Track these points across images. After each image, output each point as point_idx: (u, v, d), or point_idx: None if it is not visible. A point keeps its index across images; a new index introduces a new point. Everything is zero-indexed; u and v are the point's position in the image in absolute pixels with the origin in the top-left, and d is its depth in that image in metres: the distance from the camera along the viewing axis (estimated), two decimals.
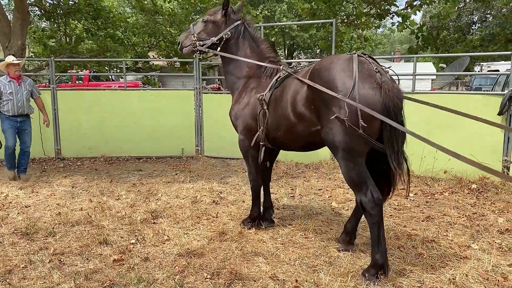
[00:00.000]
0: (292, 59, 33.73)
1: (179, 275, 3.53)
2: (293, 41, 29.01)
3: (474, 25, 31.62)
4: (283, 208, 5.43)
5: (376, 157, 3.46)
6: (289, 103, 3.78)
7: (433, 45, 9.66)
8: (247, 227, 4.62)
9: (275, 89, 4.04)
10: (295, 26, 26.00)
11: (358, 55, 3.38)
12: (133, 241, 4.29)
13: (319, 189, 6.32)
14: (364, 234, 4.44)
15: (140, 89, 12.60)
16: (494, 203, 5.49)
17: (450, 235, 4.41)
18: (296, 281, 3.38)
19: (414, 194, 5.98)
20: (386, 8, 9.43)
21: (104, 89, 12.37)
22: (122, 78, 19.88)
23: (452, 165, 6.21)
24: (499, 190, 5.88)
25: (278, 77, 4.07)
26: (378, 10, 9.42)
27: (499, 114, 6.14)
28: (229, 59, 4.56)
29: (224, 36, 4.46)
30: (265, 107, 4.03)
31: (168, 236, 4.42)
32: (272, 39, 29.24)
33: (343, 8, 9.77)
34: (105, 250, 4.06)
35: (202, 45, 4.53)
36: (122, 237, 4.40)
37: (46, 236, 4.45)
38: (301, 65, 4.22)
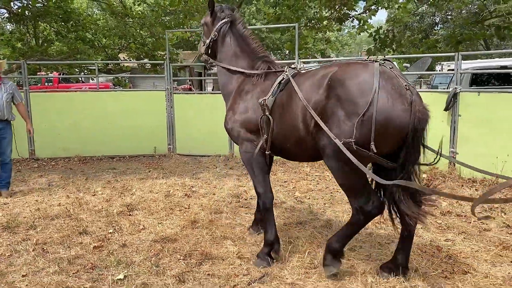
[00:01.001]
0: None
1: (155, 257, 3.91)
2: (263, 43, 29.60)
3: (436, 26, 32.84)
4: (251, 198, 5.86)
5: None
6: (299, 112, 3.37)
7: (389, 46, 10.34)
8: (264, 264, 3.69)
9: (280, 92, 3.62)
10: (264, 28, 26.60)
11: (380, 64, 3.09)
12: (110, 230, 4.63)
13: (284, 181, 6.79)
14: (322, 218, 4.93)
15: (112, 90, 12.81)
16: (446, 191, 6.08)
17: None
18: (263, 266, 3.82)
19: None
20: (345, 12, 10.06)
21: (75, 91, 12.53)
22: (92, 79, 19.89)
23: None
24: (446, 178, 6.50)
25: (282, 79, 3.65)
26: (338, 14, 10.04)
27: (445, 109, 6.77)
28: (221, 60, 4.24)
29: (212, 37, 4.19)
30: (268, 113, 3.61)
31: (143, 225, 4.78)
32: None
33: (305, 12, 10.30)
34: (85, 239, 4.39)
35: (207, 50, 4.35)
36: (100, 228, 4.73)
37: (27, 229, 4.73)
38: (303, 66, 3.83)
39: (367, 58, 3.40)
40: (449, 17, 31.20)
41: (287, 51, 30.02)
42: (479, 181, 6.32)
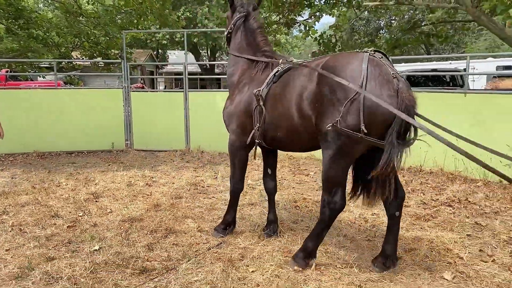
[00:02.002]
0: (215, 59, 34.76)
1: (125, 233, 4.46)
2: (215, 43, 30.09)
3: (382, 30, 34.68)
4: (208, 186, 6.49)
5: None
6: (293, 101, 3.53)
7: (333, 50, 11.28)
8: (220, 235, 4.33)
9: (273, 84, 3.81)
10: (217, 28, 27.25)
11: (371, 55, 3.21)
12: (80, 214, 5.11)
13: None
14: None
15: (70, 88, 12.97)
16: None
17: None
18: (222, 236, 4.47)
19: (314, 173, 7.33)
20: (293, 17, 10.91)
21: (22, 88, 12.56)
22: (43, 77, 19.65)
23: None
24: None
25: (277, 71, 3.84)
26: (286, 19, 10.87)
27: None
28: (231, 51, 4.51)
29: (229, 29, 4.50)
30: (261, 103, 3.78)
31: (110, 209, 5.29)
32: (195, 40, 30.05)
33: None
34: (58, 221, 4.85)
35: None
36: (70, 212, 5.19)
37: (0, 214, 5.10)
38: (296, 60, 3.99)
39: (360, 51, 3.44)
40: (393, 21, 33.10)
41: None
42: (406, 168, 7.30)
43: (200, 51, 34.84)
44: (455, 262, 3.76)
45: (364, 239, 4.31)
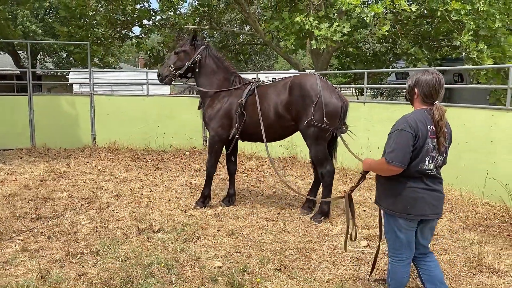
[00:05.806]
0: (36, 61, 33.28)
1: (10, 202, 5.88)
2: (38, 45, 29.13)
3: (205, 39, 37.88)
4: (65, 172, 7.96)
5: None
6: (271, 107, 5.18)
7: (160, 61, 13.41)
8: (200, 206, 5.68)
9: (249, 96, 5.35)
10: (40, 30, 26.75)
11: (319, 76, 5.16)
12: None
13: (87, 162, 9.03)
14: (200, 178, 7.55)
15: None
16: (196, 160, 9.39)
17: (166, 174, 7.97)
18: (87, 198, 6.23)
19: (151, 160, 9.39)
20: (125, 33, 12.74)
21: None
22: None
23: (174, 141, 9.96)
24: (200, 154, 9.88)
25: (251, 87, 5.39)
26: (120, 34, 12.62)
27: (198, 108, 10.17)
28: (202, 74, 5.62)
29: (196, 59, 5.57)
30: (242, 109, 5.30)
31: None
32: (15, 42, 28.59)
33: (94, 32, 12.48)
34: None
35: (178, 71, 5.65)
36: None
37: None
38: (261, 80, 5.72)
39: (309, 72, 5.79)
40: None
41: (65, 54, 30.42)
42: None
43: (19, 51, 32.90)
44: (246, 189, 6.37)
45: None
